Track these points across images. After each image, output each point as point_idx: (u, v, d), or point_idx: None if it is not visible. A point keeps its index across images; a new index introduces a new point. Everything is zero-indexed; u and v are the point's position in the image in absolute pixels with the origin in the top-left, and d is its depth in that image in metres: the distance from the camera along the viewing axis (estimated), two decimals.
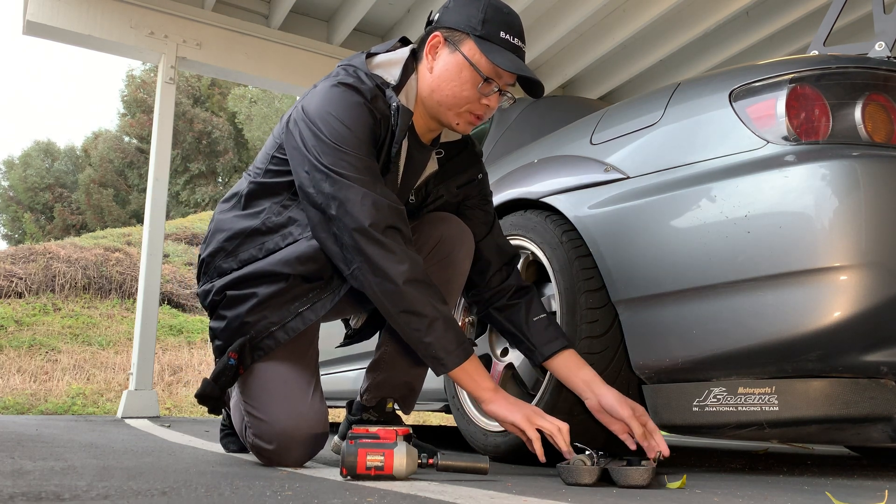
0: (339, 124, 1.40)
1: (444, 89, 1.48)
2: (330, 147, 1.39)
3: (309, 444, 1.50)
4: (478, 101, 1.48)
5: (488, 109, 1.50)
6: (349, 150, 1.39)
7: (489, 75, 1.44)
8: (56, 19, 4.25)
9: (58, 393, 6.14)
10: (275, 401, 1.49)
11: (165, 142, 4.41)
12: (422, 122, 1.56)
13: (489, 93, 1.47)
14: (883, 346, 1.32)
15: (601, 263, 1.63)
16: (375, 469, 1.24)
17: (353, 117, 1.40)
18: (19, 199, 20.23)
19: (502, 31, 1.44)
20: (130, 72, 20.06)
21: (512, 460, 1.80)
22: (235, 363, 1.49)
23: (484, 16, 1.44)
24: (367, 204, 1.36)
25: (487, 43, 1.43)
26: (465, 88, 1.46)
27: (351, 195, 1.36)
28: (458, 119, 1.51)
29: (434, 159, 1.63)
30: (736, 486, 1.35)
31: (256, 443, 1.51)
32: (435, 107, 1.51)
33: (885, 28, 1.65)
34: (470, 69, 1.45)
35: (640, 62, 5.18)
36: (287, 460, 1.50)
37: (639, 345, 1.56)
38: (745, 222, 1.38)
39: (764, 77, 1.48)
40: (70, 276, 8.55)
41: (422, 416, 6.51)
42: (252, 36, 4.77)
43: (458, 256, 1.62)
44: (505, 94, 1.51)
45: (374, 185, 1.39)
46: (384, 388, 1.67)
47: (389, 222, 1.37)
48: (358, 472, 1.25)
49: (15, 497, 0.93)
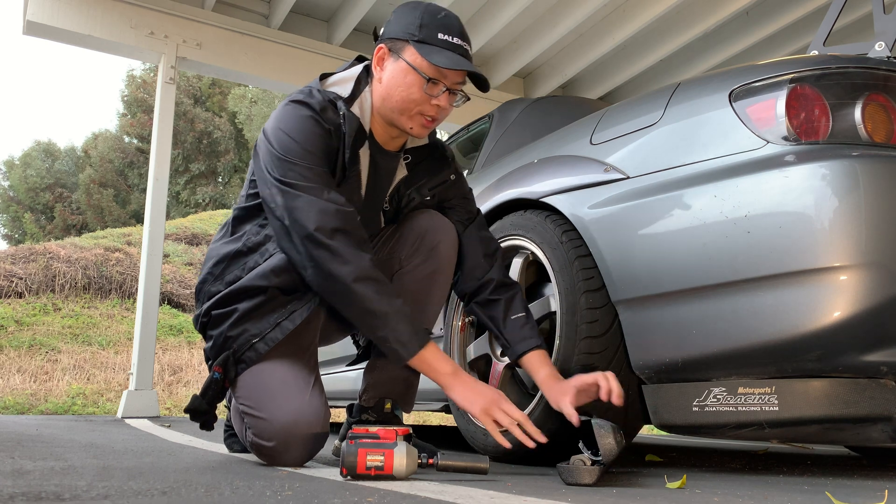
0: (287, 138, 1.47)
1: (394, 96, 1.54)
2: (279, 160, 1.47)
3: (309, 441, 1.50)
4: (427, 102, 1.53)
5: (440, 110, 1.55)
6: (296, 161, 1.45)
7: (431, 76, 1.50)
8: (56, 19, 4.25)
9: (58, 393, 6.14)
10: (274, 399, 1.50)
11: (165, 142, 4.41)
12: (381, 130, 1.61)
13: (437, 93, 1.53)
14: (883, 346, 1.32)
15: (601, 263, 1.63)
16: (375, 469, 1.25)
17: (301, 129, 1.47)
18: (20, 199, 20.24)
19: (440, 33, 1.50)
20: (130, 72, 20.06)
21: (512, 460, 1.80)
22: (220, 377, 1.54)
23: (420, 21, 1.51)
24: (314, 210, 1.42)
25: (426, 46, 1.49)
26: (413, 92, 1.52)
27: (299, 203, 1.43)
28: (412, 123, 1.56)
29: (402, 165, 1.68)
30: (736, 486, 1.35)
31: (256, 441, 1.52)
32: (389, 114, 1.57)
33: (885, 28, 1.65)
34: (413, 73, 1.51)
35: (640, 62, 5.18)
36: (287, 458, 1.50)
37: (639, 345, 1.56)
38: (745, 222, 1.38)
39: (764, 77, 1.48)
40: (70, 276, 8.55)
41: (422, 416, 6.51)
42: (252, 36, 4.77)
43: (443, 248, 1.66)
44: (456, 94, 1.56)
45: (322, 191, 1.45)
46: (381, 386, 1.68)
47: (336, 225, 1.42)
48: (358, 471, 1.26)
49: (15, 497, 0.93)
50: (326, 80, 1.61)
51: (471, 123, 3.11)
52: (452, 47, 1.50)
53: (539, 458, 1.72)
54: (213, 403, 1.58)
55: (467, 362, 2.08)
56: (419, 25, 1.51)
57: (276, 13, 4.79)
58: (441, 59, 1.47)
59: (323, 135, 1.48)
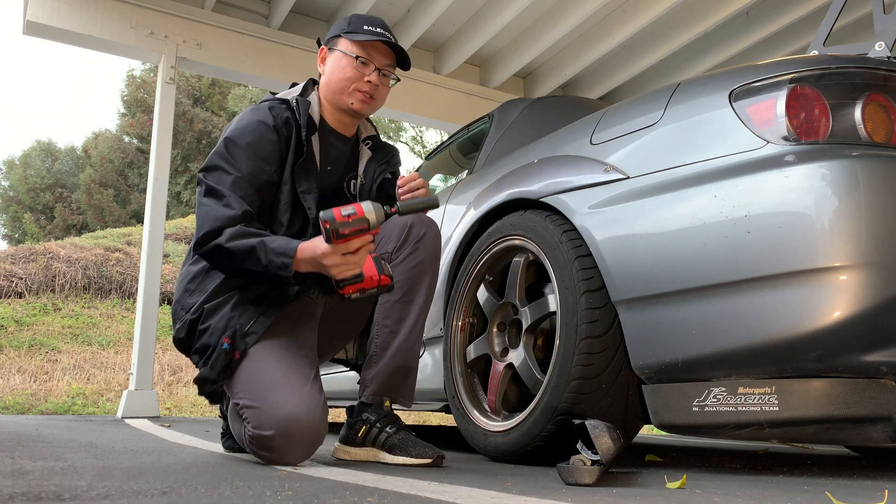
0: (229, 141, 1.68)
1: (334, 79, 1.80)
2: (210, 158, 1.69)
3: (309, 432, 1.52)
4: (361, 79, 1.78)
5: (373, 86, 1.79)
6: (222, 165, 1.66)
7: (359, 54, 1.78)
8: (56, 19, 4.25)
9: (58, 393, 6.14)
10: (274, 391, 1.54)
11: (165, 142, 4.41)
12: (333, 117, 1.84)
13: (368, 72, 1.78)
14: (883, 346, 1.32)
15: (601, 263, 1.63)
16: (350, 215, 1.45)
17: (249, 131, 1.69)
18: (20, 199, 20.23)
19: (365, 25, 1.79)
20: (130, 72, 20.03)
21: (512, 460, 1.80)
22: (229, 347, 1.60)
23: (349, 21, 1.82)
24: (209, 218, 1.61)
25: (354, 34, 1.79)
26: (347, 71, 1.78)
27: (201, 210, 1.64)
28: (352, 98, 1.79)
29: (366, 149, 1.93)
30: (736, 486, 1.35)
31: (256, 434, 1.53)
32: (333, 97, 1.81)
33: (885, 28, 1.65)
34: (345, 56, 1.79)
35: (640, 62, 5.18)
36: (287, 452, 1.51)
37: (639, 345, 1.56)
38: (745, 222, 1.38)
39: (764, 77, 1.48)
40: (70, 276, 8.55)
41: (422, 416, 6.51)
42: (252, 36, 4.76)
43: (428, 237, 1.79)
44: (388, 76, 1.82)
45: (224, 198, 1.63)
46: (379, 379, 1.73)
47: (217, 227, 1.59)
48: (338, 221, 1.44)
49: (15, 497, 0.93)
50: (276, 95, 1.85)
51: (471, 123, 3.11)
52: (376, 34, 1.77)
53: (539, 458, 1.72)
54: (220, 374, 1.61)
55: (467, 362, 2.08)
56: (348, 23, 1.81)
57: (276, 13, 4.79)
58: (364, 37, 1.76)
59: (269, 130, 1.69)
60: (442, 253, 2.34)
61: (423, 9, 4.74)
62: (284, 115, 1.73)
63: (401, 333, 1.73)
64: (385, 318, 1.75)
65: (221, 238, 1.57)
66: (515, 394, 1.95)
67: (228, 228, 1.58)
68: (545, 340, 1.91)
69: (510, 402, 1.94)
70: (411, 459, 1.62)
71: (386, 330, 1.74)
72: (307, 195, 1.71)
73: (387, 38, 1.76)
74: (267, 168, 1.67)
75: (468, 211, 2.25)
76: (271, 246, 1.55)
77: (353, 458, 1.72)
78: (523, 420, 1.75)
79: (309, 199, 1.71)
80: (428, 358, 2.36)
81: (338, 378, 3.02)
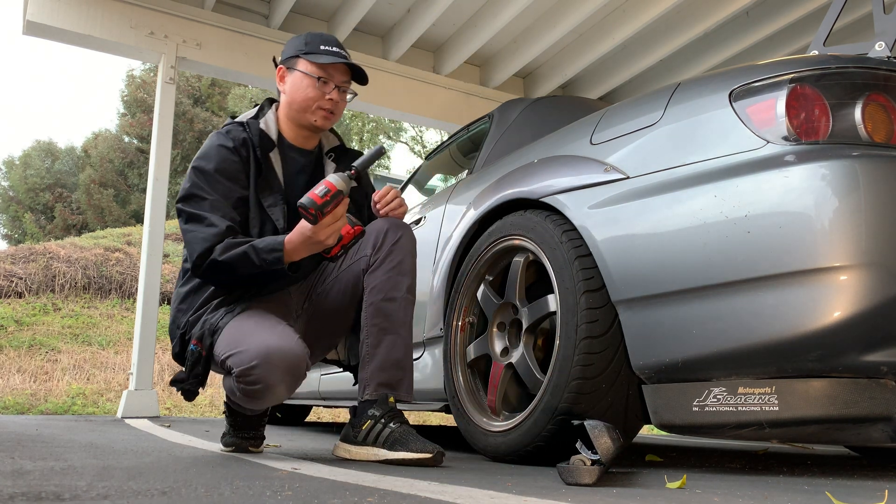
0: (197, 170, 1.80)
1: (296, 98, 1.90)
2: (184, 189, 1.80)
3: (289, 357, 1.61)
4: (322, 97, 1.89)
5: (334, 103, 1.90)
6: (197, 192, 1.77)
7: (320, 75, 1.88)
8: (56, 19, 4.25)
9: (58, 393, 6.14)
10: (252, 333, 1.66)
11: (165, 142, 4.41)
12: (293, 133, 1.95)
13: (329, 90, 1.89)
14: (883, 346, 1.32)
15: (601, 263, 1.63)
16: (326, 192, 1.61)
17: (212, 156, 1.81)
18: (20, 199, 20.21)
19: (322, 45, 1.90)
20: (130, 72, 20.01)
21: (512, 460, 1.80)
22: (198, 348, 1.75)
23: (305, 41, 1.91)
24: (198, 240, 1.73)
25: (312, 54, 1.88)
26: (309, 91, 1.88)
27: (188, 237, 1.76)
28: (314, 116, 1.91)
29: (330, 161, 2.02)
30: (736, 486, 1.35)
31: (240, 371, 1.61)
32: (296, 115, 1.92)
33: (885, 28, 1.65)
34: (306, 76, 1.88)
35: (640, 62, 5.18)
36: (270, 376, 1.59)
37: (639, 345, 1.56)
38: (745, 222, 1.38)
39: (764, 77, 1.48)
40: (70, 276, 8.55)
41: (422, 416, 6.51)
42: (252, 36, 4.76)
43: (403, 241, 1.86)
44: (346, 91, 1.93)
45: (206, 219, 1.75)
46: (377, 376, 1.78)
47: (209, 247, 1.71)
48: (318, 203, 1.60)
49: (15, 497, 0.93)
50: (236, 119, 1.96)
51: (471, 123, 3.11)
52: (333, 53, 1.88)
53: (539, 458, 1.72)
54: (190, 375, 1.76)
55: (467, 362, 2.08)
56: (305, 43, 1.91)
57: (276, 13, 4.79)
58: (325, 59, 1.86)
59: (230, 152, 1.82)
60: (443, 254, 2.34)
61: (423, 9, 4.74)
62: (241, 136, 1.86)
63: (390, 330, 1.80)
64: (373, 318, 1.81)
65: (214, 254, 1.69)
66: (515, 394, 1.94)
67: (218, 245, 1.69)
68: (545, 340, 1.91)
69: (510, 402, 1.94)
70: (411, 454, 1.63)
71: (375, 329, 1.80)
72: (274, 208, 1.83)
73: (346, 61, 1.87)
74: (236, 186, 1.80)
75: (468, 211, 2.25)
76: (260, 247, 1.68)
77: (353, 456, 1.74)
78: (523, 420, 1.75)
79: (276, 212, 1.83)
80: (428, 358, 2.36)
81: (338, 378, 3.02)
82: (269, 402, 1.70)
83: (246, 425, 1.99)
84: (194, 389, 1.78)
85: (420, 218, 2.71)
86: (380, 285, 1.81)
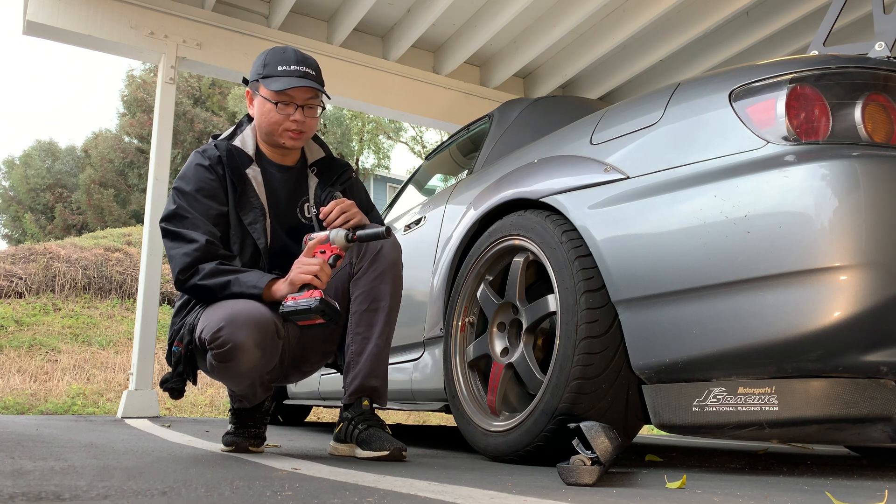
0: (178, 191, 1.86)
1: (263, 123, 1.93)
2: (168, 209, 1.87)
3: (255, 316, 1.68)
4: (286, 119, 1.90)
5: (299, 123, 1.91)
6: (180, 212, 1.83)
7: (278, 100, 1.89)
8: (56, 19, 4.25)
9: (58, 393, 6.14)
10: (222, 307, 1.72)
11: (165, 142, 4.41)
12: (271, 151, 1.99)
13: (291, 112, 1.90)
14: (883, 346, 1.32)
15: (601, 263, 1.63)
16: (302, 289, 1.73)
17: (191, 177, 1.87)
18: (20, 199, 20.20)
19: (279, 66, 1.89)
20: (130, 72, 20.01)
21: (512, 460, 1.80)
22: (179, 350, 1.82)
23: (264, 62, 1.91)
24: (178, 256, 1.80)
25: (269, 79, 1.88)
26: (272, 116, 1.90)
27: (171, 253, 1.83)
28: (283, 138, 1.93)
29: (312, 175, 2.04)
30: (736, 486, 1.35)
31: (209, 337, 1.67)
32: (267, 137, 1.95)
33: (885, 28, 1.65)
34: (267, 102, 1.90)
35: (640, 62, 5.18)
36: (236, 336, 1.64)
37: (639, 345, 1.56)
38: (745, 222, 1.38)
39: (764, 77, 1.48)
40: (70, 276, 8.55)
41: (422, 416, 6.51)
42: (252, 36, 4.76)
43: (386, 250, 1.92)
44: (313, 107, 1.92)
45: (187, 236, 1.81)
46: (357, 381, 1.88)
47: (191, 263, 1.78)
48: (287, 302, 1.72)
49: (15, 497, 0.93)
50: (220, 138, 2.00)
51: (471, 123, 3.11)
52: (290, 73, 1.87)
53: (539, 458, 1.72)
54: (174, 373, 1.83)
55: (467, 362, 2.08)
56: (263, 65, 1.91)
57: (276, 13, 4.78)
58: (279, 85, 1.85)
59: (206, 171, 1.87)
60: (443, 254, 2.34)
61: (423, 9, 4.74)
62: (216, 154, 1.90)
63: (372, 339, 1.89)
64: (357, 327, 1.90)
65: (197, 277, 1.76)
66: (515, 394, 1.94)
67: (202, 263, 1.76)
68: (545, 340, 1.91)
69: (510, 402, 1.94)
70: (373, 452, 1.78)
71: (359, 337, 1.90)
72: (254, 225, 1.87)
73: (302, 83, 1.85)
74: (214, 203, 1.86)
75: (468, 211, 2.25)
76: (243, 281, 1.76)
77: (338, 452, 1.91)
78: (523, 420, 1.75)
79: (257, 230, 1.87)
80: (428, 358, 2.36)
81: (338, 378, 3.02)
82: (244, 368, 1.70)
83: (248, 418, 2.00)
84: (178, 388, 1.83)
85: (420, 218, 2.71)
86: (363, 295, 1.90)
